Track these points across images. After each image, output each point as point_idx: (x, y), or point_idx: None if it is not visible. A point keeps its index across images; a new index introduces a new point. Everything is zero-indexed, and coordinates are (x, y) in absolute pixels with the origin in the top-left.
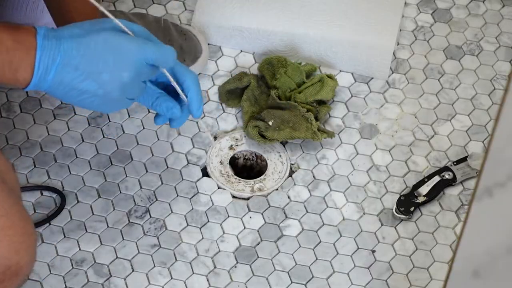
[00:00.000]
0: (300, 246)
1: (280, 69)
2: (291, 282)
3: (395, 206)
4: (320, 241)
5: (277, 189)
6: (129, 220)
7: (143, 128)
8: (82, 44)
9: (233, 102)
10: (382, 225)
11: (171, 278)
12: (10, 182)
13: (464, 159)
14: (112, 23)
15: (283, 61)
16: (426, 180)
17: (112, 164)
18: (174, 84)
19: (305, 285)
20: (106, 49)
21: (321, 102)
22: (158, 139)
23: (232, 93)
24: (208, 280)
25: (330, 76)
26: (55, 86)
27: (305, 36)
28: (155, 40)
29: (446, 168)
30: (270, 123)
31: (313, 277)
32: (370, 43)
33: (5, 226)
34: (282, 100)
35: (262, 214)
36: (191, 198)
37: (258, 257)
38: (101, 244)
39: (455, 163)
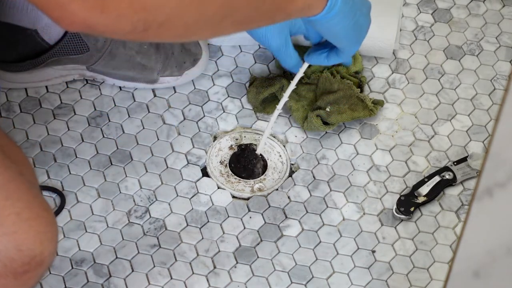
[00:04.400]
0: (300, 246)
1: None
2: (291, 282)
3: (395, 206)
4: (320, 241)
5: (277, 189)
6: (129, 220)
7: (143, 128)
8: None
9: (270, 108)
10: (382, 225)
11: (171, 278)
12: (28, 175)
13: (464, 159)
14: None
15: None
16: (426, 180)
17: (112, 164)
18: None
19: (305, 285)
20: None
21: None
22: (158, 139)
23: (265, 100)
24: (208, 280)
25: None
26: (338, 13)
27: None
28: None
29: (446, 168)
30: (328, 109)
31: (313, 277)
32: (371, 41)
33: (29, 218)
34: (332, 78)
35: (262, 214)
36: (191, 198)
37: (258, 257)
38: (101, 244)
39: (455, 163)
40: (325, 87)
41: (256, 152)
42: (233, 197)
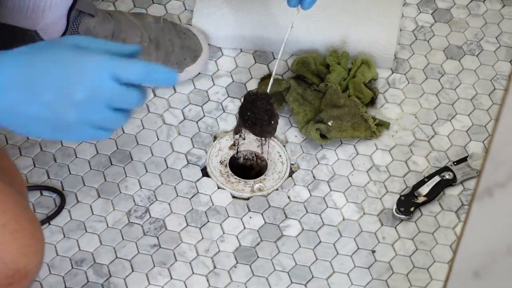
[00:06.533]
0: (300, 246)
1: (331, 61)
2: (291, 282)
3: (395, 206)
4: (320, 241)
5: (277, 189)
6: (129, 220)
7: (143, 128)
8: (26, 62)
9: (276, 106)
10: (382, 225)
11: (171, 278)
12: (18, 186)
13: (464, 159)
14: (77, 39)
15: (333, 54)
16: (426, 180)
17: (112, 164)
18: None
19: (305, 285)
20: (53, 65)
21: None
22: (158, 139)
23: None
24: (208, 280)
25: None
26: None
27: (306, 39)
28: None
29: (446, 168)
30: (330, 123)
31: (313, 277)
32: (371, 42)
33: (14, 230)
34: (341, 92)
35: (262, 214)
36: (191, 198)
37: (258, 257)
38: (101, 244)
39: (455, 163)
40: (332, 99)
41: (267, 92)
42: (233, 197)
